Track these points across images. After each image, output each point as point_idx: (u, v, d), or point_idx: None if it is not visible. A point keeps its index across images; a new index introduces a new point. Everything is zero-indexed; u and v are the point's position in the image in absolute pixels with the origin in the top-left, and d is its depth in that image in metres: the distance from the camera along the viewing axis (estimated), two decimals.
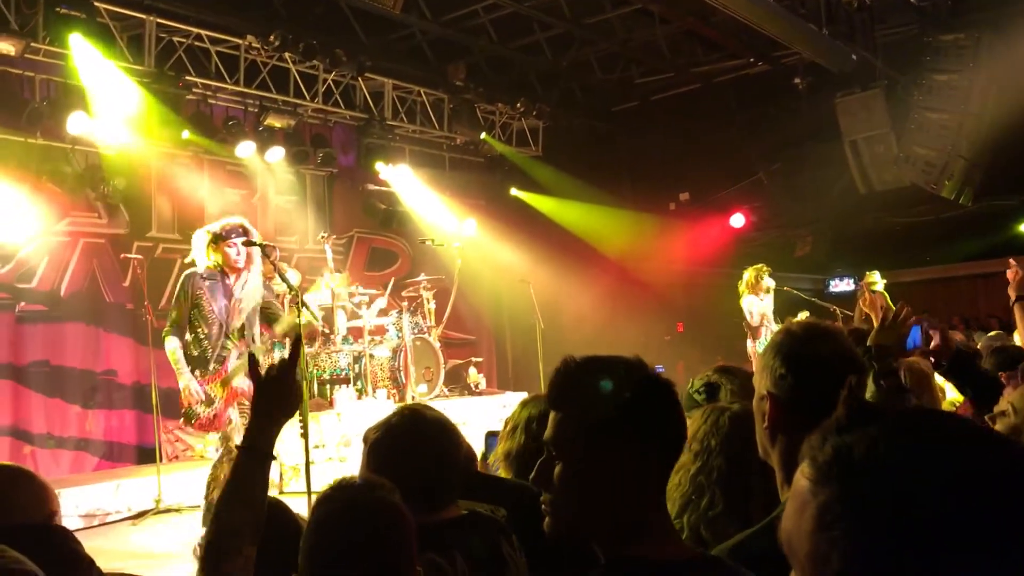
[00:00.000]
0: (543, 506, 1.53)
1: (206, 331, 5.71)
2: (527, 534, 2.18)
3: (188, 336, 5.76)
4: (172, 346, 5.66)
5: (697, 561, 1.51)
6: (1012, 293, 3.60)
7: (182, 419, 5.98)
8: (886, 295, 10.52)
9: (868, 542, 0.78)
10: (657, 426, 1.50)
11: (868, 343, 2.62)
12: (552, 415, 1.54)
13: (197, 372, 5.68)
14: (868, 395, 2.64)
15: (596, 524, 1.49)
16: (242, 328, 5.87)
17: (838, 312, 10.63)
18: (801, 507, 0.85)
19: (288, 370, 2.00)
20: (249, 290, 5.86)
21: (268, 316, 6.13)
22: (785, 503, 1.75)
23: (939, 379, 3.69)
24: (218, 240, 5.73)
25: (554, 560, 1.77)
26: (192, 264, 5.91)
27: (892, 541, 0.77)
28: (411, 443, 2.22)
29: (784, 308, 10.46)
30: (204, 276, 5.75)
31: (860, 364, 1.91)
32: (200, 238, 5.81)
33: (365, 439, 2.31)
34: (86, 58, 8.51)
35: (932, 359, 3.21)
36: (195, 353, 5.72)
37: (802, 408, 1.77)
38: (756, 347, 9.72)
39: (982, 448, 0.81)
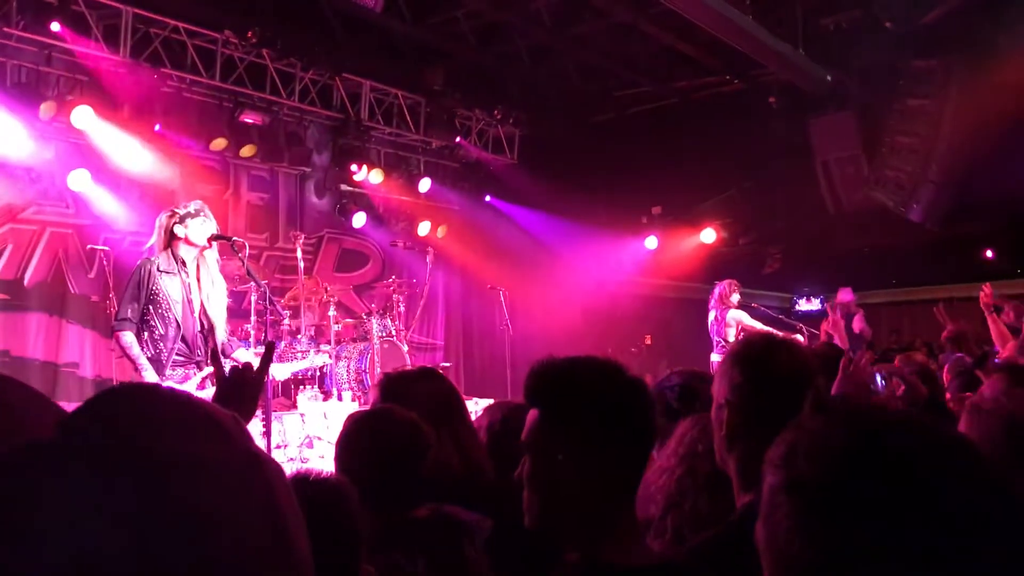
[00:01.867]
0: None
1: (162, 330, 5.22)
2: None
3: (144, 334, 5.26)
4: (128, 340, 5.16)
5: (660, 567, 1.53)
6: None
7: None
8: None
9: (806, 520, 0.86)
10: (628, 426, 1.52)
11: (832, 393, 2.64)
12: (530, 413, 1.57)
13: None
14: None
15: (562, 520, 1.51)
16: (207, 339, 5.40)
17: (804, 330, 10.72)
18: (762, 504, 0.93)
19: (259, 373, 1.92)
20: (214, 297, 5.43)
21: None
22: (741, 509, 1.78)
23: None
24: (185, 217, 5.32)
25: (532, 563, 1.78)
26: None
27: (827, 518, 0.84)
28: (372, 442, 2.23)
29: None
30: (161, 269, 5.28)
31: (816, 376, 1.93)
32: (164, 218, 5.41)
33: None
34: (60, 46, 8.42)
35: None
36: (149, 354, 5.22)
37: (758, 416, 1.80)
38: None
39: (908, 433, 0.88)
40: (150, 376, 5.13)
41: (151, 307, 5.23)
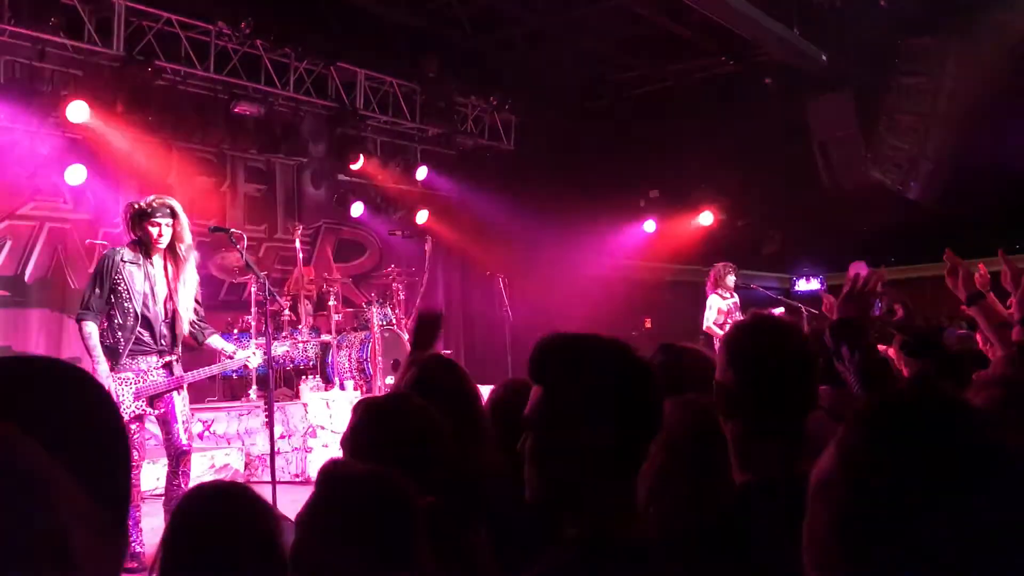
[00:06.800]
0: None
1: (120, 320, 5.23)
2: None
3: (105, 323, 5.28)
4: (88, 330, 5.17)
5: (660, 543, 1.54)
6: (963, 294, 3.44)
7: None
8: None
9: (836, 522, 0.88)
10: (632, 405, 1.52)
11: (835, 316, 2.61)
12: (532, 390, 1.57)
13: (109, 363, 5.20)
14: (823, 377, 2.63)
15: (562, 496, 1.52)
16: (173, 334, 5.36)
17: (803, 310, 10.72)
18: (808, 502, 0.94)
19: None
20: (183, 294, 5.37)
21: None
22: (739, 488, 1.79)
23: None
24: (143, 216, 5.25)
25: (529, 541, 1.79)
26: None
27: (854, 522, 0.86)
28: (379, 430, 2.25)
29: (751, 307, 10.52)
30: (125, 259, 5.26)
31: (804, 359, 1.93)
32: (126, 211, 5.38)
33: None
34: (54, 41, 8.39)
35: (898, 336, 3.20)
36: (108, 343, 5.23)
37: (744, 399, 1.86)
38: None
39: (939, 433, 0.88)
40: (102, 368, 5.12)
41: (112, 297, 5.23)
